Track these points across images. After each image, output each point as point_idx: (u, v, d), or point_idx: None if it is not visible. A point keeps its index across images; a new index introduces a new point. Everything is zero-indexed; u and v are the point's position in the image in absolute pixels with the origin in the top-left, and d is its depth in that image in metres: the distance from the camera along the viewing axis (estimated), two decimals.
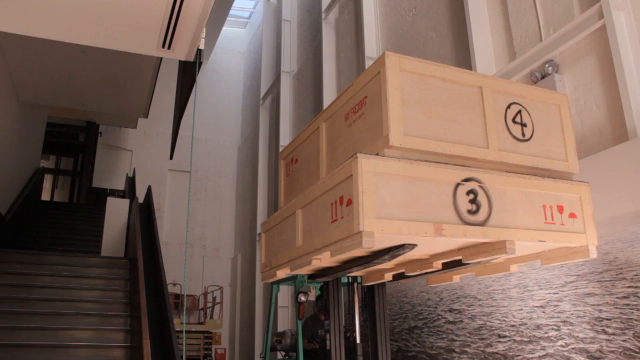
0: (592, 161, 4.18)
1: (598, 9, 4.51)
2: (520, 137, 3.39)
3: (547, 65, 4.99)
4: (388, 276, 4.18)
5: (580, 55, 4.79)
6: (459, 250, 3.32)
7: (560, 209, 3.30)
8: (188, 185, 14.66)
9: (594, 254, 3.31)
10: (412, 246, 3.01)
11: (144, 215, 9.41)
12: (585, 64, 4.73)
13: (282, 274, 3.86)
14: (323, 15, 10.77)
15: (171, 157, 7.86)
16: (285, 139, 12.21)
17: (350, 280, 4.66)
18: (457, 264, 3.58)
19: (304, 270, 4.07)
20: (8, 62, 7.64)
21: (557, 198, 3.30)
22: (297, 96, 12.37)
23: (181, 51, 4.85)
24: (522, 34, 5.49)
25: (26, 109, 9.55)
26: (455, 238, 2.91)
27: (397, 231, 2.75)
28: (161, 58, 7.67)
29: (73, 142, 15.00)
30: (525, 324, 4.57)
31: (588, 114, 4.65)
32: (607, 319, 3.88)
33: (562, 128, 3.58)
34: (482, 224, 2.98)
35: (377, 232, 2.69)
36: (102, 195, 14.08)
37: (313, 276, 4.32)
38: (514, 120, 3.41)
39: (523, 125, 3.44)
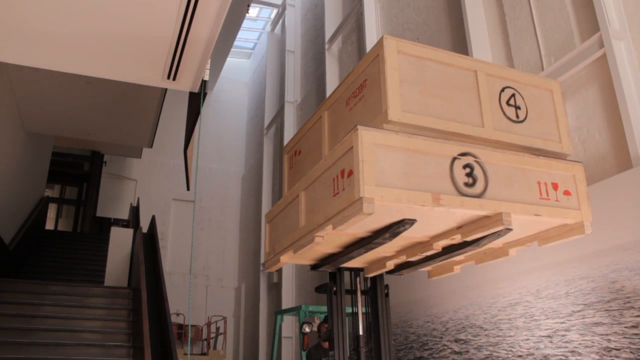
0: (597, 189, 4.17)
1: (598, 38, 4.56)
2: (514, 118, 3.49)
3: None
4: (390, 265, 4.18)
5: (581, 83, 4.82)
6: (458, 228, 3.38)
7: (555, 186, 3.37)
8: (192, 215, 14.65)
9: (588, 230, 3.36)
10: (412, 222, 3.09)
11: (148, 245, 9.39)
12: (587, 92, 4.75)
13: (285, 259, 3.89)
14: (326, 46, 10.90)
15: (188, 188, 7.89)
16: None
17: (353, 286, 4.59)
18: (456, 248, 3.66)
19: (306, 259, 4.20)
20: (16, 93, 7.73)
21: (551, 175, 3.38)
22: (301, 125, 12.43)
23: (186, 82, 4.91)
24: (524, 63, 5.53)
25: (32, 139, 9.63)
26: (453, 209, 2.98)
27: (397, 199, 2.83)
28: (166, 89, 7.76)
29: (78, 171, 15.07)
30: (532, 354, 4.51)
31: (591, 142, 4.66)
32: (616, 349, 3.82)
33: (555, 112, 3.68)
34: (478, 196, 3.06)
35: (377, 199, 2.76)
36: (106, 224, 14.07)
37: (315, 266, 4.36)
38: (507, 103, 3.50)
39: (517, 107, 3.54)
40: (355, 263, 4.29)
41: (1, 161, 7.97)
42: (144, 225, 10.47)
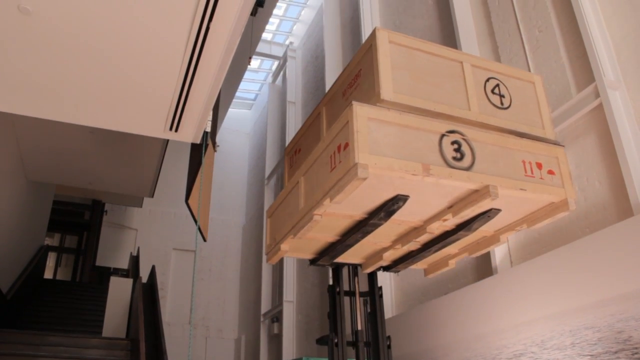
0: (599, 237, 4.16)
1: (594, 88, 4.64)
2: (499, 105, 3.71)
3: None
4: (386, 256, 4.33)
5: (579, 132, 4.87)
6: (449, 208, 3.54)
7: (539, 165, 3.54)
8: (192, 265, 14.54)
9: (573, 206, 3.51)
10: (405, 198, 3.28)
11: (147, 295, 9.28)
12: (585, 141, 4.80)
13: (286, 246, 4.01)
14: None
15: (205, 239, 7.87)
16: None
17: (352, 287, 4.78)
18: (449, 234, 3.88)
19: (306, 252, 4.35)
20: (20, 142, 7.81)
21: (535, 156, 3.55)
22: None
23: (188, 134, 4.97)
24: None
25: (34, 187, 9.66)
26: (442, 179, 3.15)
27: (389, 167, 3.02)
28: (168, 140, 7.83)
29: (78, 220, 15.05)
30: None
31: (591, 190, 4.67)
32: None
33: (537, 101, 3.88)
34: (466, 169, 3.24)
35: (370, 165, 2.95)
36: (105, 274, 13.95)
37: (314, 260, 4.48)
38: (492, 92, 3.73)
39: (501, 96, 3.77)
40: (352, 258, 4.51)
41: (2, 209, 7.97)
42: (144, 275, 10.38)
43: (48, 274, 15.09)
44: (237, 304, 15.80)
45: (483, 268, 5.80)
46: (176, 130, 4.85)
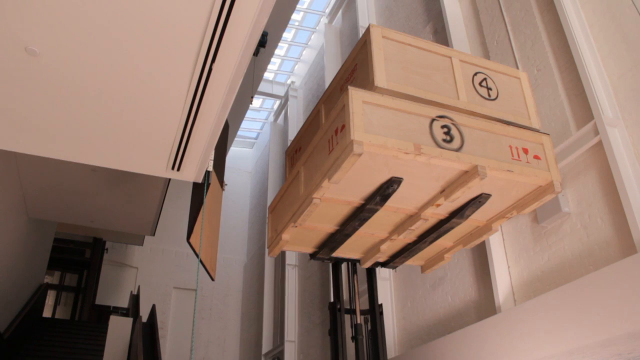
0: (602, 275, 4.12)
1: (593, 126, 4.67)
2: (486, 96, 3.92)
3: None
4: (384, 249, 4.45)
5: (580, 170, 4.88)
6: (442, 192, 3.68)
7: (525, 150, 3.71)
8: (193, 304, 14.39)
9: (558, 188, 3.68)
10: (399, 180, 3.46)
11: (147, 335, 9.16)
12: (586, 178, 4.81)
13: (287, 236, 4.19)
14: None
15: (212, 279, 7.85)
16: (291, 258, 12.16)
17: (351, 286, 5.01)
18: (443, 223, 4.04)
19: (306, 245, 4.48)
20: (22, 180, 7.84)
21: (522, 142, 3.73)
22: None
23: (190, 173, 4.99)
24: None
25: (35, 225, 9.65)
26: (433, 159, 3.31)
27: (383, 144, 3.18)
28: (170, 179, 7.86)
29: (79, 258, 14.97)
30: None
31: (593, 227, 4.66)
32: None
33: (523, 95, 4.09)
34: (456, 150, 3.41)
35: (365, 142, 3.12)
36: (105, 312, 13.78)
37: (314, 254, 4.62)
38: (480, 84, 3.94)
39: (489, 88, 3.97)
40: (351, 253, 4.67)
41: (3, 247, 7.95)
42: (144, 314, 10.27)
43: (47, 313, 14.92)
44: (237, 343, 15.56)
45: (486, 307, 5.74)
46: (178, 170, 4.87)
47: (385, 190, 3.54)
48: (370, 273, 5.19)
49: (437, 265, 4.77)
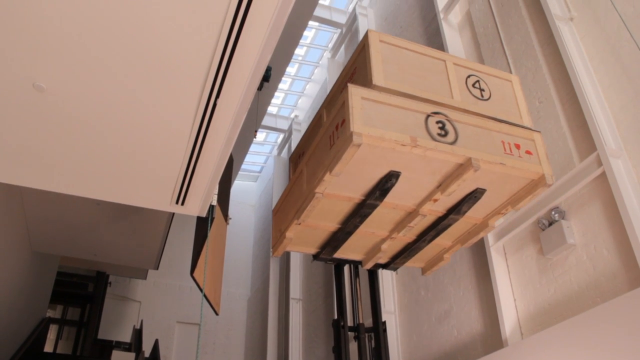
0: (610, 307, 4.08)
1: (596, 157, 4.68)
2: (479, 96, 4.08)
3: (553, 212, 5.07)
4: (384, 248, 4.55)
5: (584, 201, 4.88)
6: (438, 187, 3.83)
7: (517, 146, 3.84)
8: (196, 338, 14.23)
9: (550, 180, 3.80)
10: (397, 174, 3.61)
11: None
12: (591, 209, 4.80)
13: (290, 234, 4.33)
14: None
15: (217, 313, 7.82)
16: (295, 291, 12.07)
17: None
18: (441, 220, 4.18)
19: (309, 246, 4.59)
20: (27, 214, 7.85)
21: (513, 138, 3.87)
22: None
23: (194, 207, 4.99)
24: None
25: (38, 258, 9.62)
26: (429, 152, 3.47)
27: (381, 136, 3.34)
28: (173, 213, 7.86)
29: (82, 292, 14.86)
30: None
31: (599, 259, 4.62)
32: None
33: (515, 97, 4.25)
34: (451, 144, 3.56)
35: (364, 134, 3.29)
36: (107, 347, 13.62)
37: (317, 255, 4.73)
38: (473, 86, 4.11)
39: (481, 90, 4.13)
40: (353, 254, 4.80)
41: (6, 281, 7.92)
42: (147, 349, 10.16)
43: (48, 347, 14.75)
44: None
45: (493, 340, 5.67)
46: (182, 204, 4.88)
47: (384, 185, 3.70)
48: (374, 292, 5.22)
49: (437, 266, 4.89)
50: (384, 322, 4.86)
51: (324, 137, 3.81)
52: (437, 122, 3.62)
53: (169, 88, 3.53)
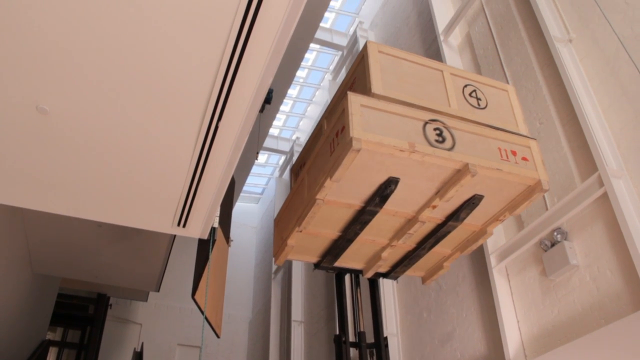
0: (614, 329, 4.05)
1: (597, 177, 4.68)
2: (476, 105, 4.15)
3: (555, 233, 5.05)
4: (385, 256, 4.60)
5: (587, 221, 4.86)
6: (437, 193, 3.89)
7: (514, 152, 3.91)
8: None
9: (546, 186, 3.88)
10: (396, 180, 3.68)
11: None
12: (593, 229, 4.78)
13: (292, 241, 4.39)
14: None
15: (218, 336, 7.77)
16: (297, 313, 11.98)
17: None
18: (441, 227, 4.22)
19: (310, 254, 4.64)
20: (28, 235, 7.84)
21: (510, 145, 3.94)
22: (309, 270, 12.37)
23: (195, 230, 4.99)
24: None
25: (39, 280, 9.58)
26: (427, 157, 3.54)
27: (379, 142, 3.42)
28: (175, 235, 7.85)
29: (82, 314, 14.75)
30: None
31: (603, 280, 4.60)
32: None
33: (511, 105, 4.33)
34: (448, 149, 3.64)
35: (363, 139, 3.37)
36: None
37: (318, 264, 4.79)
38: (470, 95, 4.19)
39: (478, 99, 4.21)
40: (354, 263, 4.85)
41: (6, 303, 7.88)
42: None
43: None
44: None
45: None
46: (184, 226, 4.88)
47: (383, 191, 3.76)
48: (375, 307, 5.23)
49: (437, 275, 4.93)
50: (386, 338, 4.88)
51: (324, 145, 3.89)
52: (435, 129, 3.71)
53: (170, 111, 3.55)
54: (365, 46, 4.02)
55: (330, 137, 3.79)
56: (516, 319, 5.45)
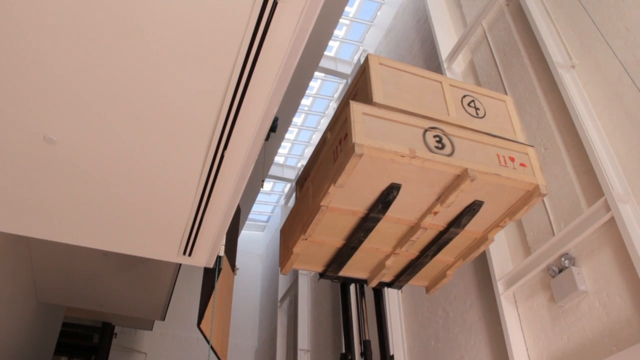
0: (627, 356, 3.99)
1: (604, 202, 4.66)
2: (475, 115, 4.26)
3: (563, 259, 5.02)
4: (389, 264, 4.67)
5: (594, 247, 4.83)
6: (438, 199, 3.97)
7: (512, 159, 4.00)
8: None
9: (544, 190, 3.95)
10: (398, 186, 3.77)
11: None
12: (601, 255, 4.75)
13: (297, 249, 4.44)
14: None
15: None
16: (303, 342, 11.86)
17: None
18: (442, 234, 4.30)
19: (315, 264, 4.70)
20: (33, 264, 7.84)
21: (508, 151, 4.03)
22: (315, 298, 12.29)
23: (201, 258, 4.99)
24: (535, 230, 5.60)
25: (43, 309, 9.55)
26: (427, 163, 3.63)
27: (381, 148, 3.53)
28: (180, 263, 7.83)
29: (87, 343, 14.63)
30: None
31: (613, 306, 4.54)
32: None
33: (509, 115, 4.43)
34: (448, 155, 3.73)
35: (365, 145, 3.47)
36: None
37: (323, 273, 4.86)
38: (468, 105, 4.30)
39: (477, 108, 4.32)
40: (358, 272, 4.93)
41: (10, 332, 7.84)
42: None
43: None
44: None
45: None
46: (190, 255, 4.88)
47: (386, 197, 3.85)
48: (382, 329, 5.19)
49: (441, 284, 5.01)
50: (392, 356, 4.87)
51: (328, 153, 4.00)
52: (435, 136, 3.81)
53: (176, 141, 3.58)
54: (366, 59, 4.16)
55: (333, 146, 3.90)
56: (525, 346, 5.38)
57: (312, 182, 4.28)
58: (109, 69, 3.05)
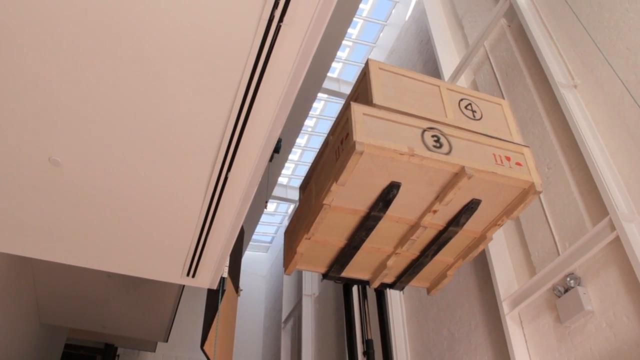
0: None
1: (608, 221, 4.65)
2: (471, 117, 4.37)
3: (568, 279, 4.99)
4: (390, 265, 4.76)
5: (599, 266, 4.80)
6: (437, 198, 4.08)
7: (508, 158, 4.11)
8: None
9: (540, 188, 4.03)
10: (398, 185, 3.89)
11: None
12: (607, 274, 4.72)
13: (301, 249, 4.55)
14: None
15: None
16: None
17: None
18: (442, 233, 4.39)
19: (317, 264, 4.77)
20: (36, 285, 7.82)
21: (504, 151, 4.13)
22: (319, 319, 12.20)
23: (205, 280, 4.98)
24: (539, 249, 5.58)
25: (46, 330, 9.50)
26: (425, 160, 3.74)
27: (381, 145, 3.64)
28: (184, 285, 7.81)
29: None
30: None
31: (620, 326, 4.50)
32: None
33: (505, 117, 4.54)
34: (445, 154, 3.84)
35: (366, 143, 3.59)
36: None
37: (325, 274, 4.94)
38: (465, 107, 4.43)
39: (473, 111, 4.44)
40: (360, 273, 5.03)
41: (13, 353, 7.80)
42: None
43: None
44: None
45: None
46: (193, 276, 4.87)
47: (386, 196, 3.96)
48: (385, 337, 5.25)
49: (442, 284, 5.09)
50: None
51: (330, 154, 4.12)
52: (433, 136, 3.93)
53: (180, 163, 3.59)
54: (367, 63, 4.30)
55: (335, 146, 4.02)
56: None
57: (314, 183, 4.42)
58: (112, 93, 3.08)
